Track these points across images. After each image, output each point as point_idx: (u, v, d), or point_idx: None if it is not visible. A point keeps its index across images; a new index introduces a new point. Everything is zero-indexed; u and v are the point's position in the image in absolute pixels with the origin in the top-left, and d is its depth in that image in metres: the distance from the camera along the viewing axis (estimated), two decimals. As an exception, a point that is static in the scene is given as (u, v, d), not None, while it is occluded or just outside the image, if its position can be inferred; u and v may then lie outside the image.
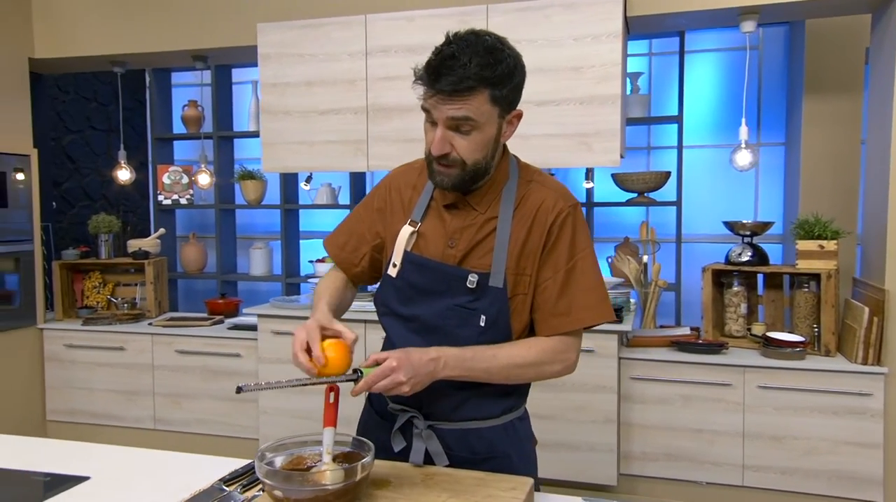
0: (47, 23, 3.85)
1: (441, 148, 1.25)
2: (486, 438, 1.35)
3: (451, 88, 1.19)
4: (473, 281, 1.30)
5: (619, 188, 3.99)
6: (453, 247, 1.33)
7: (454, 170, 1.27)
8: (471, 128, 1.24)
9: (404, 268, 1.36)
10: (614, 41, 2.97)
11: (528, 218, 1.32)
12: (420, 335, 1.34)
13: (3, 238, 3.71)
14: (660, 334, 3.17)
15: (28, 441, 1.60)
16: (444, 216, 1.36)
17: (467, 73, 1.19)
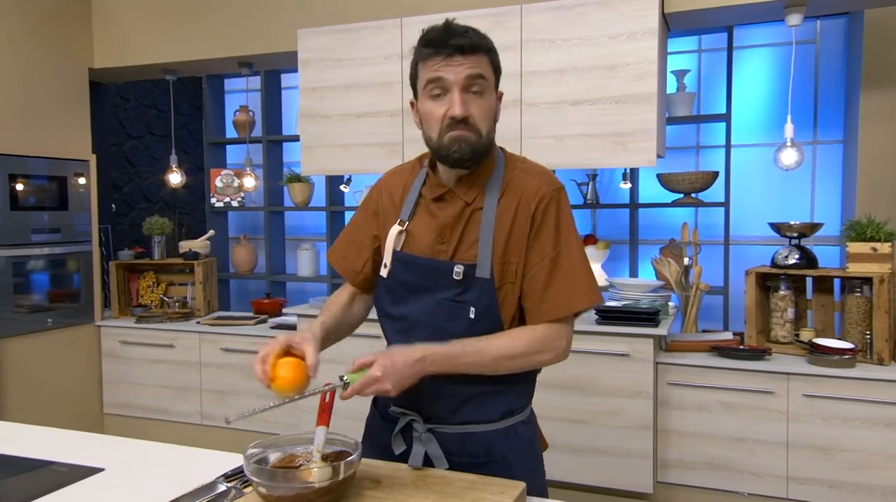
0: (106, 34, 4.04)
1: (465, 108, 1.25)
2: (484, 442, 1.35)
3: (466, 42, 1.24)
4: (459, 272, 1.29)
5: (665, 188, 3.90)
6: (444, 243, 1.33)
7: (472, 135, 1.27)
8: (482, 88, 1.27)
9: (394, 268, 1.37)
10: (651, 38, 2.90)
11: (512, 205, 1.32)
12: (411, 332, 1.34)
13: (64, 239, 3.91)
14: (699, 339, 3.08)
15: (50, 432, 1.68)
16: (433, 210, 1.36)
17: (473, 35, 1.26)
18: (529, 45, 3.10)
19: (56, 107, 3.87)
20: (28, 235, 3.71)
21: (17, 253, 3.66)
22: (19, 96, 3.65)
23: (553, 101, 3.07)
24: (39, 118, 3.77)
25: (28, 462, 1.45)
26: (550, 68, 3.07)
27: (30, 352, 3.71)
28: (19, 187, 3.65)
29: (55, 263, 3.88)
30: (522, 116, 3.13)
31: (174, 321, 3.99)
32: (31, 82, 3.72)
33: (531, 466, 1.39)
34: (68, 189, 3.93)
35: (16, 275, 3.66)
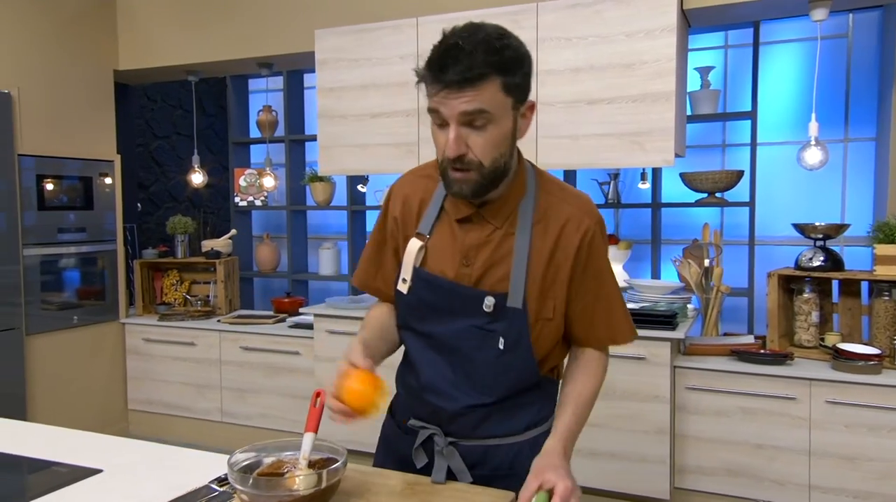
0: (130, 36, 4.11)
1: (457, 148, 1.14)
2: (508, 454, 1.31)
3: (461, 77, 1.09)
4: (490, 305, 1.23)
5: (688, 188, 3.82)
6: (469, 266, 1.25)
7: (472, 174, 1.16)
8: (485, 121, 1.13)
9: (416, 285, 1.29)
10: (669, 35, 2.84)
11: (552, 236, 1.24)
12: (438, 352, 1.29)
13: (90, 238, 3.99)
14: (718, 342, 3.01)
15: (54, 431, 1.71)
16: (457, 231, 1.27)
17: (475, 61, 1.09)
18: (545, 43, 3.06)
19: (82, 108, 3.95)
20: (55, 234, 3.79)
21: (45, 251, 3.74)
22: (46, 98, 3.74)
23: (569, 100, 3.03)
24: (66, 120, 3.85)
25: (30, 461, 1.47)
26: (566, 67, 3.03)
27: (56, 348, 3.80)
28: (47, 187, 3.74)
29: (81, 262, 3.96)
30: (538, 116, 3.10)
31: (196, 319, 4.04)
32: (57, 84, 3.80)
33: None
34: (94, 189, 4.00)
35: (43, 273, 3.74)
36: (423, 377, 1.32)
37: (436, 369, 1.30)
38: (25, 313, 3.62)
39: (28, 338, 3.64)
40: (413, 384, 1.36)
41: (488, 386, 1.27)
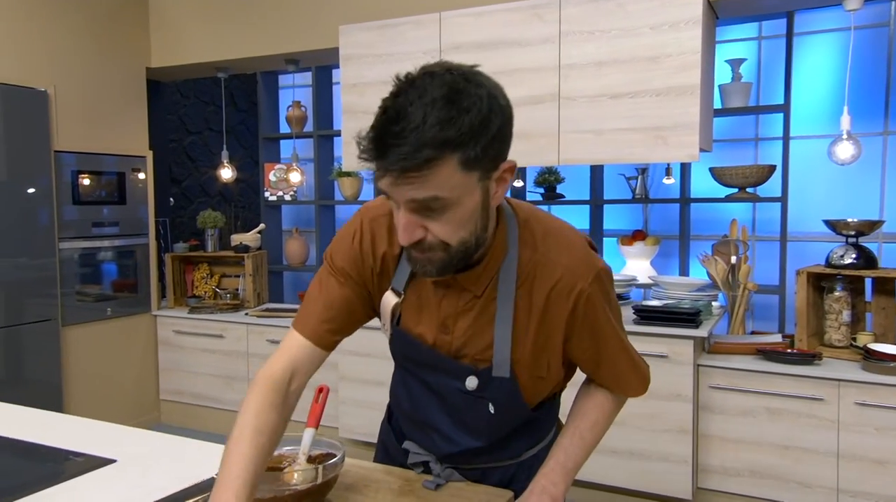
0: (161, 34, 4.19)
1: (410, 236, 0.98)
2: (505, 475, 1.28)
3: (401, 166, 0.89)
4: (473, 384, 1.14)
5: (718, 183, 3.75)
6: (448, 334, 1.14)
7: (437, 253, 1.00)
8: (442, 206, 0.95)
9: (396, 342, 1.21)
10: (694, 28, 2.78)
11: (540, 298, 1.10)
12: (434, 395, 1.22)
13: (123, 232, 4.09)
14: (744, 341, 2.95)
15: (74, 420, 1.76)
16: (432, 294, 1.14)
17: (422, 139, 0.88)
18: (568, 37, 3.02)
19: (115, 105, 4.04)
20: (90, 228, 3.90)
21: (80, 245, 3.85)
22: (81, 96, 3.83)
23: (592, 94, 2.99)
24: (99, 116, 3.95)
25: (48, 450, 1.52)
26: (589, 61, 2.99)
27: (91, 339, 3.91)
28: (83, 182, 3.84)
29: (115, 255, 4.06)
30: (561, 110, 3.07)
31: (224, 312, 4.11)
32: (91, 82, 3.89)
33: None
34: (127, 184, 4.10)
35: (78, 265, 3.85)
36: (422, 414, 1.25)
37: (430, 408, 1.23)
38: (61, 304, 3.73)
39: (64, 329, 3.75)
40: (411, 415, 1.29)
41: (484, 434, 1.21)
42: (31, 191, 3.58)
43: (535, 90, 3.11)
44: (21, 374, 3.55)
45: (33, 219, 3.60)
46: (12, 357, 3.52)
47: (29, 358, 3.59)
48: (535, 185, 4.37)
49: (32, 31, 3.61)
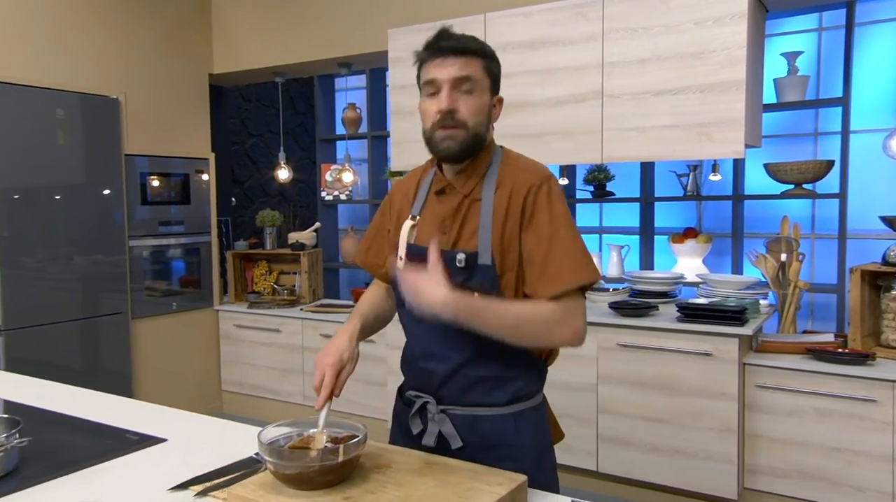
0: (223, 41, 4.40)
1: (448, 103, 1.34)
2: (494, 426, 1.41)
3: (454, 45, 1.35)
4: (462, 259, 1.37)
5: (773, 179, 3.67)
6: (445, 233, 1.42)
7: (459, 131, 1.36)
8: (471, 88, 1.36)
9: (409, 260, 1.45)
10: (739, 22, 2.75)
11: (506, 197, 1.39)
12: (423, 321, 1.38)
13: (187, 230, 4.31)
14: (793, 340, 2.89)
15: (133, 403, 1.90)
16: (436, 205, 1.46)
17: (466, 40, 1.37)
18: (611, 35, 3.03)
19: (180, 110, 4.26)
20: (157, 227, 4.13)
21: (148, 243, 4.08)
22: (149, 102, 4.07)
23: (635, 91, 2.99)
24: (165, 121, 4.18)
25: (107, 429, 1.66)
26: (633, 58, 2.99)
27: (158, 331, 4.14)
28: (152, 184, 4.08)
29: (180, 253, 4.29)
30: (604, 108, 3.07)
31: (281, 307, 4.28)
32: (158, 89, 4.12)
33: (538, 453, 1.44)
34: (191, 185, 4.32)
35: (146, 262, 4.09)
36: (418, 346, 1.47)
37: (423, 335, 1.44)
38: (131, 299, 3.97)
39: (133, 322, 3.99)
40: (410, 357, 1.50)
41: (467, 338, 1.34)
42: (107, 193, 3.83)
43: (578, 88, 3.13)
44: (95, 364, 3.80)
45: (108, 219, 3.85)
46: (88, 347, 3.78)
47: (102, 348, 3.84)
48: (585, 183, 4.37)
49: (107, 43, 3.85)
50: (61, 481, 1.35)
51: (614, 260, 4.10)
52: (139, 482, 1.35)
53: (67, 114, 3.63)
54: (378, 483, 1.22)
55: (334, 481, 1.20)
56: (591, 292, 3.46)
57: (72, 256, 3.69)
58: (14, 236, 3.43)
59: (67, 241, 3.67)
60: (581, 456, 3.15)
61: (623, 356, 3.01)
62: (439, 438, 1.42)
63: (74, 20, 3.71)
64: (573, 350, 3.11)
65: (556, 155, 3.22)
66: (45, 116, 3.54)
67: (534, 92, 3.25)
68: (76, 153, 3.69)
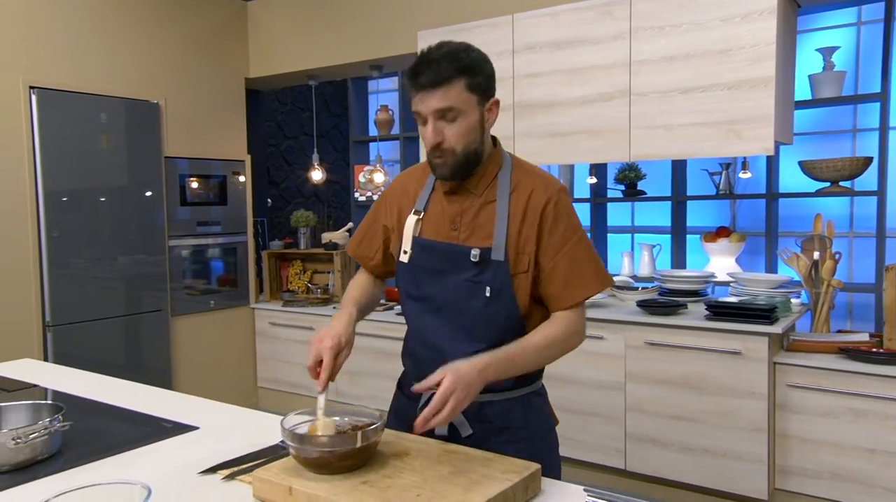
0: (258, 45, 4.51)
1: (434, 137, 1.38)
2: (501, 410, 1.46)
3: (431, 79, 1.36)
4: (476, 254, 1.42)
5: (808, 177, 3.61)
6: (456, 230, 1.47)
7: (448, 158, 1.40)
8: (455, 115, 1.38)
9: (415, 253, 1.50)
10: (769, 18, 2.72)
11: (522, 202, 1.44)
12: (434, 313, 1.47)
13: (224, 231, 4.44)
14: (825, 339, 2.85)
15: (169, 394, 1.99)
16: (445, 203, 1.50)
17: (442, 68, 1.36)
18: (638, 33, 3.03)
19: (217, 113, 4.39)
20: (195, 227, 4.26)
21: (186, 242, 4.21)
22: (188, 105, 4.20)
23: (663, 89, 2.98)
24: (204, 124, 4.30)
25: (143, 417, 1.74)
26: (660, 56, 2.98)
27: (196, 329, 4.27)
28: (191, 185, 4.21)
29: (217, 252, 4.41)
30: (631, 107, 3.07)
31: (314, 305, 4.37)
32: (197, 92, 4.25)
33: (543, 434, 1.51)
34: (227, 186, 4.44)
35: (185, 262, 4.22)
36: (423, 337, 1.51)
37: (433, 328, 1.48)
38: (170, 297, 4.10)
39: (173, 319, 4.12)
40: (415, 349, 1.54)
41: (478, 333, 1.44)
42: (148, 195, 3.97)
43: (605, 87, 3.13)
44: (137, 359, 3.94)
45: (150, 220, 3.99)
46: (131, 343, 3.92)
47: (143, 344, 3.98)
48: (616, 183, 4.36)
49: (148, 49, 3.99)
50: (100, 463, 1.42)
51: (645, 259, 4.08)
52: (171, 466, 1.42)
53: (110, 118, 3.77)
54: (395, 468, 1.27)
55: (353, 466, 1.25)
56: (619, 291, 3.46)
57: (116, 256, 3.84)
58: (62, 237, 3.58)
59: (112, 242, 3.81)
60: (609, 455, 3.15)
61: (651, 354, 3.01)
62: (449, 427, 1.45)
63: (118, 28, 3.85)
64: (601, 348, 3.12)
65: (583, 153, 3.23)
66: (89, 121, 3.68)
67: (561, 91, 3.27)
68: (119, 156, 3.83)
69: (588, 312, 3.15)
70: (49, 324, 3.53)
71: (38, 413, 1.54)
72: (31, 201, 3.47)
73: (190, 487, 1.31)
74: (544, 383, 1.60)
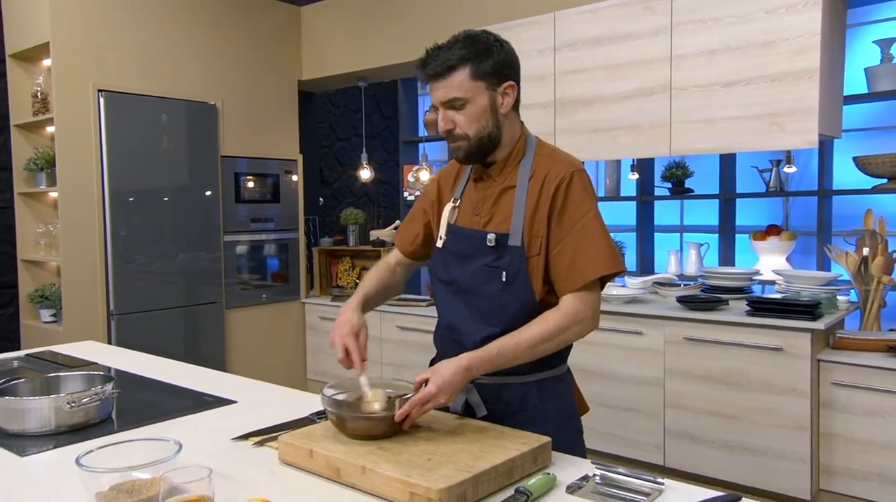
0: (311, 48, 4.67)
1: (444, 125, 1.45)
2: (518, 392, 1.49)
3: (434, 71, 1.42)
4: (492, 239, 1.46)
5: (863, 173, 3.51)
6: (478, 215, 1.53)
7: (462, 142, 1.46)
8: (462, 103, 1.42)
9: (447, 239, 1.57)
10: (813, 9, 2.68)
11: (538, 186, 1.47)
12: (456, 295, 1.53)
13: (276, 227, 4.60)
14: (873, 337, 2.77)
15: (212, 373, 2.11)
16: (472, 191, 1.56)
17: (447, 56, 1.41)
18: (679, 27, 3.02)
19: (271, 115, 4.56)
20: (249, 224, 4.43)
21: (241, 238, 4.40)
22: (244, 106, 4.38)
23: (704, 83, 2.96)
24: (258, 125, 4.48)
25: (189, 391, 1.86)
26: (701, 50, 2.97)
27: (249, 321, 4.44)
28: (247, 184, 4.39)
29: (270, 248, 4.58)
30: (672, 101, 3.06)
31: (362, 300, 4.47)
32: (253, 94, 4.44)
33: (563, 419, 1.52)
34: (280, 185, 4.61)
35: (239, 257, 4.40)
36: (446, 319, 1.58)
37: (455, 310, 1.55)
38: (225, 291, 4.29)
39: (227, 312, 4.30)
40: (440, 329, 1.61)
41: (494, 316, 1.47)
42: (208, 194, 4.16)
43: (646, 82, 3.13)
44: (193, 349, 4.13)
45: (208, 218, 4.18)
46: (188, 333, 4.11)
47: (200, 335, 4.17)
48: (663, 180, 4.32)
49: (206, 53, 4.19)
50: (145, 429, 1.54)
51: (692, 258, 4.04)
52: (209, 433, 1.53)
53: (171, 119, 3.98)
54: (411, 438, 1.33)
55: (388, 433, 1.32)
56: (661, 287, 3.44)
57: (176, 253, 4.04)
58: (128, 236, 3.80)
59: (172, 240, 4.01)
60: (648, 451, 3.13)
61: (690, 350, 2.98)
62: (465, 407, 1.51)
63: (179, 33, 4.06)
64: (640, 344, 3.11)
65: (624, 148, 3.23)
66: (151, 123, 3.89)
67: (603, 87, 3.28)
68: (178, 156, 4.03)
69: (627, 307, 3.16)
70: (113, 313, 3.75)
71: (91, 382, 1.67)
72: (97, 201, 3.69)
73: (223, 451, 1.41)
74: (576, 373, 1.62)
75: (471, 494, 1.14)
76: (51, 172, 3.70)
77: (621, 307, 3.17)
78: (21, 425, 1.50)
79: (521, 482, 1.19)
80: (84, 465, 1.10)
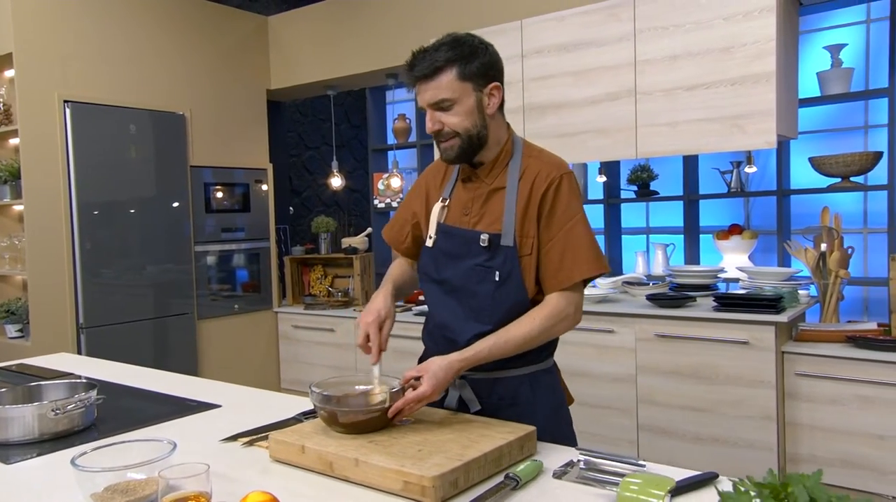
0: (279, 58, 4.68)
1: (432, 126, 1.49)
2: (510, 386, 1.53)
3: (422, 73, 1.46)
4: (485, 239, 1.50)
5: (818, 173, 3.65)
6: (468, 215, 1.55)
7: (452, 141, 1.48)
8: (450, 103, 1.46)
9: (438, 238, 1.59)
10: (768, 16, 2.80)
11: (528, 187, 1.50)
12: (449, 294, 1.56)
13: (247, 237, 4.59)
14: (832, 328, 2.89)
15: (194, 380, 2.11)
16: (461, 191, 1.59)
17: (434, 58, 1.44)
18: (643, 34, 3.12)
19: (240, 124, 4.56)
20: (219, 234, 4.41)
21: (211, 248, 4.37)
22: (212, 116, 4.37)
23: (667, 87, 3.06)
24: (227, 134, 4.47)
25: (170, 397, 1.87)
26: (664, 55, 3.07)
27: (221, 332, 4.41)
28: (215, 194, 4.37)
29: (240, 258, 4.56)
30: (637, 105, 3.16)
31: (335, 309, 4.49)
32: (222, 104, 4.42)
33: (553, 410, 1.57)
34: (250, 194, 4.59)
35: (210, 267, 4.37)
36: (439, 317, 1.60)
37: (447, 308, 1.57)
38: (196, 301, 4.25)
39: (199, 322, 4.27)
40: (432, 328, 1.64)
41: (487, 314, 1.51)
42: (176, 206, 4.13)
43: (612, 87, 3.23)
44: (165, 360, 4.08)
45: (177, 230, 4.15)
46: (159, 344, 4.07)
47: (171, 346, 4.13)
48: (628, 184, 4.43)
49: (174, 63, 4.17)
50: (130, 434, 1.54)
51: (659, 258, 4.14)
52: (196, 436, 1.54)
53: (138, 130, 3.95)
54: (401, 431, 1.37)
55: (378, 426, 1.35)
56: (630, 287, 3.53)
57: (145, 265, 4.00)
58: (95, 249, 3.75)
59: (141, 252, 3.98)
60: (622, 446, 3.20)
61: (661, 346, 3.07)
62: (459, 402, 1.55)
63: (146, 43, 4.04)
64: (612, 342, 3.19)
65: (592, 152, 3.32)
66: (119, 133, 3.86)
67: (570, 92, 3.37)
68: (147, 166, 4.00)
69: (599, 307, 3.23)
70: (82, 326, 3.69)
71: (74, 390, 1.67)
72: (64, 213, 3.64)
73: (213, 452, 1.42)
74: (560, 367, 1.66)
75: (462, 481, 1.18)
76: (15, 185, 3.64)
77: (593, 306, 3.24)
78: (4, 434, 1.49)
79: (510, 469, 1.23)
80: (80, 466, 1.11)
